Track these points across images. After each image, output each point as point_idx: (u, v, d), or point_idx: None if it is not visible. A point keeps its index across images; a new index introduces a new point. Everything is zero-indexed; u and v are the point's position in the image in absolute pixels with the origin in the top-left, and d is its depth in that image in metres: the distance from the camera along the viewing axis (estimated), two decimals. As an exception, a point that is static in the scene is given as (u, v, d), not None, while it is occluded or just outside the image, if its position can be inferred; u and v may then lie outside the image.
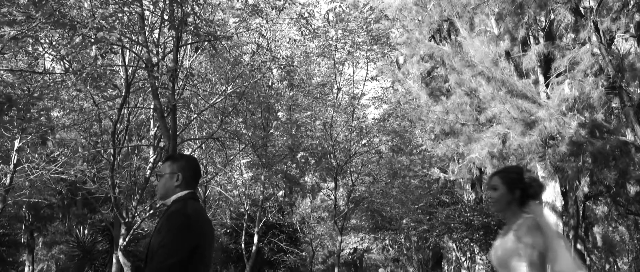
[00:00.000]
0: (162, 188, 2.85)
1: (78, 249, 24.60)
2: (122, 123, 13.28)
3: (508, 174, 2.98)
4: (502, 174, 2.98)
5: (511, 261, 2.76)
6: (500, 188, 2.92)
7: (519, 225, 2.77)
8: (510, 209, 2.90)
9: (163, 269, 2.48)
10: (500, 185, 2.93)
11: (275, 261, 25.53)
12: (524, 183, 2.90)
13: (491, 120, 13.82)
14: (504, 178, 2.95)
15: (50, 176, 14.80)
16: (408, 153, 21.46)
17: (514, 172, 2.97)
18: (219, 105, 15.20)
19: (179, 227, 2.60)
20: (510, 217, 2.90)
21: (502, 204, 2.93)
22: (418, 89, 19.77)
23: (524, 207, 2.89)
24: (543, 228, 2.76)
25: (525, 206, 2.89)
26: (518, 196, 2.89)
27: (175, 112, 10.67)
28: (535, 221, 2.78)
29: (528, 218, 2.79)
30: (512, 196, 2.90)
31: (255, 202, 21.04)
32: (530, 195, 2.89)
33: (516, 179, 2.91)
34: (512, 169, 3.04)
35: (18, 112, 10.55)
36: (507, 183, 2.92)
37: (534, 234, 2.71)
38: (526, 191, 2.89)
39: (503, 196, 2.91)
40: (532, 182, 2.90)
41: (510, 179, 2.93)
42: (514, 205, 2.90)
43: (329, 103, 19.57)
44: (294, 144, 18.92)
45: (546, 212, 16.07)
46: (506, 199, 2.91)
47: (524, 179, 2.91)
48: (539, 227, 2.74)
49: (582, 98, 11.79)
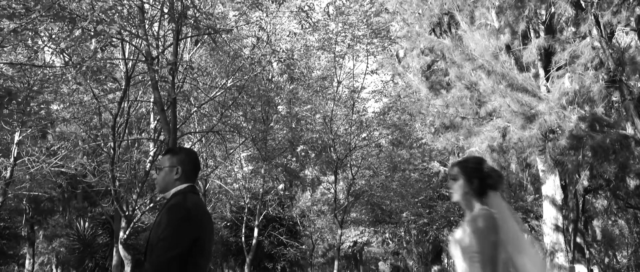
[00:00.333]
0: (161, 181, 2.85)
1: (78, 242, 24.65)
2: (122, 116, 13.28)
3: (467, 164, 2.97)
4: (462, 164, 2.98)
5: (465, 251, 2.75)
6: (459, 178, 2.91)
7: (475, 216, 2.76)
8: (468, 200, 2.89)
9: (163, 262, 2.49)
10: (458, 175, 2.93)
11: (275, 254, 25.58)
12: (482, 173, 2.88)
13: (491, 114, 13.81)
14: (462, 168, 2.94)
15: (51, 169, 14.82)
16: (408, 146, 21.47)
17: (473, 163, 2.96)
18: (219, 98, 15.19)
19: (179, 220, 2.60)
20: (468, 207, 2.89)
21: (460, 194, 2.92)
22: (418, 82, 19.73)
23: (482, 198, 2.88)
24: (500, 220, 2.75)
25: (483, 197, 2.88)
26: (476, 186, 2.87)
27: (175, 105, 10.66)
28: (491, 212, 2.77)
29: (484, 209, 2.78)
30: (470, 186, 2.88)
31: (255, 195, 21.06)
32: (488, 185, 2.88)
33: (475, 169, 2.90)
34: (472, 159, 3.03)
35: (18, 105, 10.55)
36: (466, 173, 2.91)
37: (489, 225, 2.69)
38: (484, 182, 2.87)
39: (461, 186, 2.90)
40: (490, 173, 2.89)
41: (468, 169, 2.92)
42: (471, 195, 2.89)
43: (329, 96, 19.56)
44: (294, 137, 18.93)
45: (547, 206, 16.08)
46: (464, 190, 2.90)
47: (483, 170, 2.89)
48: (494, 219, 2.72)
49: (583, 91, 11.77)
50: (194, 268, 2.62)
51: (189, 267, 2.58)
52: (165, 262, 2.49)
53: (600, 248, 42.74)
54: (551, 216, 15.88)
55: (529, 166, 19.72)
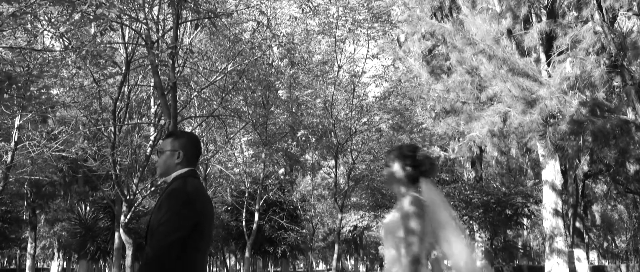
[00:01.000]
0: (162, 165, 2.86)
1: (80, 226, 24.76)
2: (123, 101, 13.28)
3: (401, 151, 2.99)
4: (396, 151, 3.00)
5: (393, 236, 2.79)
6: (392, 165, 2.95)
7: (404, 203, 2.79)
8: (400, 187, 2.93)
9: (163, 246, 2.50)
10: (392, 162, 2.96)
11: (276, 238, 25.71)
12: (415, 161, 2.91)
13: (492, 99, 13.80)
14: (396, 155, 2.96)
15: (51, 154, 14.83)
16: (408, 131, 21.46)
17: (407, 150, 2.98)
18: (219, 83, 15.16)
19: (180, 205, 2.61)
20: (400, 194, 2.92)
21: (393, 181, 2.95)
22: (419, 67, 19.71)
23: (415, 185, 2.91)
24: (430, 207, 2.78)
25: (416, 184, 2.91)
26: (409, 173, 2.91)
27: (176, 89, 10.64)
28: (421, 199, 2.80)
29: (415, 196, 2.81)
30: (403, 173, 2.92)
31: (255, 180, 21.11)
32: (421, 172, 2.91)
33: (408, 156, 2.93)
34: (406, 147, 3.04)
35: (18, 90, 10.53)
36: (399, 160, 2.94)
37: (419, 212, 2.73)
38: (417, 169, 2.90)
39: (394, 172, 2.93)
40: (424, 160, 2.91)
41: (402, 156, 2.94)
42: (404, 182, 2.92)
43: (329, 81, 19.52)
44: (295, 122, 18.92)
45: (546, 191, 16.11)
46: (397, 176, 2.93)
47: (416, 157, 2.92)
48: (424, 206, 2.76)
49: (584, 76, 11.75)
50: (194, 252, 2.63)
51: (189, 251, 2.59)
52: (165, 246, 2.50)
53: (599, 233, 42.96)
54: (551, 200, 15.92)
55: (529, 150, 19.76)
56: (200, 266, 2.71)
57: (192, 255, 2.63)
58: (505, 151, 21.58)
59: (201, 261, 2.72)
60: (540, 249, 42.84)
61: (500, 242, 19.64)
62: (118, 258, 17.60)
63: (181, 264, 2.56)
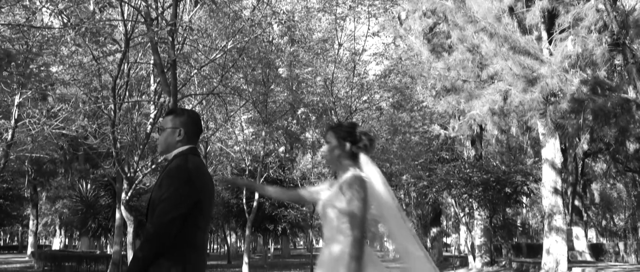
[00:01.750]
0: (163, 143, 2.86)
1: (81, 203, 24.90)
2: (122, 78, 13.25)
3: (340, 128, 3.01)
4: (335, 128, 3.02)
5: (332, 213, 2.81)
6: (332, 141, 2.96)
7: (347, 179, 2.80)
8: (340, 163, 2.94)
9: (163, 223, 2.52)
10: (332, 138, 2.97)
11: (276, 215, 25.83)
12: (354, 137, 2.93)
13: (493, 77, 13.75)
14: (335, 132, 2.98)
15: (52, 131, 14.84)
16: (409, 110, 21.44)
17: (346, 127, 3.01)
18: (219, 60, 15.10)
19: (180, 182, 2.62)
20: (340, 171, 2.94)
21: (332, 158, 2.97)
22: (420, 45, 19.60)
23: (354, 161, 2.93)
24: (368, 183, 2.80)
25: (355, 161, 2.93)
26: (348, 149, 2.92)
27: (175, 67, 10.61)
28: (362, 176, 2.81)
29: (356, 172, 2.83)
30: (342, 150, 2.93)
31: (256, 158, 21.15)
32: (360, 149, 2.93)
33: (347, 133, 2.94)
34: (345, 124, 3.08)
35: (17, 67, 10.50)
36: (338, 137, 2.95)
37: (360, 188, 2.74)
38: (356, 145, 2.92)
39: (333, 149, 2.94)
40: (362, 136, 2.93)
41: (341, 132, 2.96)
42: (343, 159, 2.94)
43: (329, 59, 19.44)
44: (295, 100, 18.88)
45: (546, 169, 16.15)
46: (336, 153, 2.94)
47: (355, 133, 2.94)
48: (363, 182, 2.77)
49: (585, 55, 11.69)
50: (194, 229, 2.65)
51: (188, 228, 2.61)
52: (166, 223, 2.52)
53: (597, 211, 43.18)
54: (550, 179, 15.96)
55: (530, 129, 19.77)
56: (200, 243, 2.73)
57: (193, 232, 2.64)
58: (505, 130, 21.62)
59: (201, 238, 2.74)
60: (539, 227, 43.09)
61: (500, 220, 19.74)
62: (119, 235, 17.71)
63: (181, 240, 2.58)
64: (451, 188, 19.43)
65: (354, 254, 2.65)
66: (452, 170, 19.23)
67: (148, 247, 2.54)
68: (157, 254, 2.53)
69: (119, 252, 17.69)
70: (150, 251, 2.53)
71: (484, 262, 20.85)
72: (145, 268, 2.54)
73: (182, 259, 2.59)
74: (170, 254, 2.56)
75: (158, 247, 2.53)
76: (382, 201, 2.88)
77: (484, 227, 20.59)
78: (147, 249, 2.54)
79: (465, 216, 22.49)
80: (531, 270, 17.37)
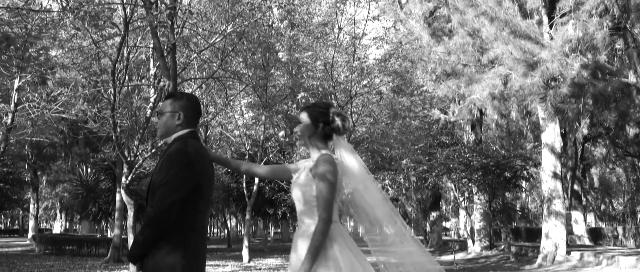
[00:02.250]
0: (163, 127, 2.86)
1: (82, 187, 24.94)
2: (122, 62, 13.20)
3: (314, 108, 2.99)
4: (309, 108, 3.00)
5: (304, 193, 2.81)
6: (305, 122, 2.95)
7: (319, 160, 2.80)
8: (313, 143, 2.93)
9: (164, 206, 2.53)
10: (305, 119, 2.96)
11: (276, 199, 25.92)
12: (327, 118, 2.92)
13: (493, 62, 13.71)
14: (309, 112, 2.96)
15: (51, 115, 14.84)
16: (409, 94, 21.41)
17: (319, 107, 2.98)
18: (218, 44, 15.05)
19: (180, 166, 2.63)
20: (313, 151, 2.93)
21: (305, 138, 2.96)
22: (420, 29, 19.50)
23: (327, 141, 2.92)
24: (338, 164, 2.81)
25: (329, 141, 2.93)
26: (321, 130, 2.92)
27: (175, 51, 10.58)
28: (332, 157, 2.81)
29: (327, 154, 2.82)
30: (315, 130, 2.92)
31: (256, 142, 21.16)
32: (333, 130, 2.92)
33: (320, 113, 2.92)
34: (319, 104, 3.04)
35: (16, 51, 10.46)
36: (312, 117, 2.93)
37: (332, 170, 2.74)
38: (329, 126, 2.91)
39: (306, 129, 2.93)
40: (335, 117, 2.92)
41: (314, 112, 2.94)
42: (316, 139, 2.93)
43: (329, 43, 19.38)
44: (295, 84, 18.85)
45: (546, 153, 16.16)
46: (309, 133, 2.93)
47: (329, 114, 2.92)
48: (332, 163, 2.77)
49: (586, 39, 11.65)
50: (193, 212, 2.67)
51: (188, 211, 2.63)
52: (166, 206, 2.54)
53: (597, 195, 43.32)
54: (550, 163, 15.99)
55: (530, 113, 19.75)
56: (200, 227, 2.75)
57: (193, 215, 2.66)
58: (505, 114, 21.58)
59: (201, 221, 2.75)
60: (538, 211, 43.24)
61: (499, 205, 19.81)
62: (120, 219, 17.80)
63: (181, 224, 2.59)
64: (451, 172, 19.48)
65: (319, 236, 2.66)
66: (452, 154, 19.26)
67: (149, 231, 2.56)
68: (157, 237, 2.55)
69: (120, 236, 17.79)
70: (151, 235, 2.55)
71: (483, 246, 20.96)
72: (146, 251, 2.56)
73: (183, 242, 2.61)
74: (171, 238, 2.58)
75: (158, 231, 2.55)
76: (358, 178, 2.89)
77: (483, 212, 20.67)
78: (147, 233, 2.56)
79: (465, 200, 22.56)
80: (530, 254, 17.46)
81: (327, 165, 2.76)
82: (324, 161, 2.78)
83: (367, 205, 2.91)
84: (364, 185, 2.93)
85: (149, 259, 2.57)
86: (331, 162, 2.77)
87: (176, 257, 2.58)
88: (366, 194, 2.93)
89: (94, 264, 16.66)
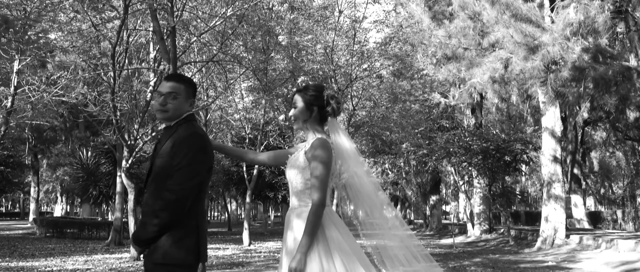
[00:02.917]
0: (176, 110, 2.84)
1: (82, 171, 25.00)
2: (121, 46, 13.17)
3: (307, 91, 2.99)
4: (302, 91, 2.99)
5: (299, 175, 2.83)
6: (299, 106, 2.95)
7: (314, 143, 2.81)
8: (308, 127, 2.94)
9: (186, 189, 2.55)
10: (299, 103, 2.96)
11: (276, 183, 26.01)
12: (321, 101, 2.92)
13: (494, 45, 13.66)
14: (302, 96, 2.96)
15: (51, 99, 14.81)
16: (409, 78, 21.38)
17: (313, 90, 2.98)
18: (218, 28, 14.99)
19: (197, 149, 2.66)
20: (308, 134, 2.94)
21: (299, 121, 2.96)
22: (420, 12, 19.39)
23: (321, 125, 2.93)
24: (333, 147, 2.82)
25: (323, 124, 2.93)
26: (315, 113, 2.92)
27: (175, 34, 10.55)
28: (327, 140, 2.82)
29: (321, 137, 2.83)
30: (310, 114, 2.92)
31: (256, 126, 21.17)
32: (328, 113, 2.93)
33: (314, 97, 2.93)
34: (313, 87, 3.03)
35: (15, 34, 10.42)
36: (306, 101, 2.94)
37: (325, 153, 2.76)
38: (323, 109, 2.92)
39: (300, 113, 2.94)
40: (329, 100, 2.91)
41: (308, 96, 2.94)
42: (311, 123, 2.94)
43: (330, 26, 19.31)
44: (295, 68, 18.82)
45: (546, 137, 16.17)
46: (303, 117, 2.94)
47: (322, 97, 2.93)
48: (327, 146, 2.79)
49: (587, 22, 11.59)
50: (202, 196, 2.71)
51: (200, 194, 2.67)
52: (188, 189, 2.56)
53: (596, 179, 43.41)
54: (550, 147, 16.01)
55: (530, 97, 19.71)
56: (204, 209, 2.80)
57: (201, 198, 2.70)
58: (505, 98, 21.53)
59: (204, 203, 2.81)
60: (537, 195, 43.39)
61: (499, 188, 19.86)
62: (120, 202, 17.87)
63: (193, 208, 2.62)
64: (451, 156, 19.51)
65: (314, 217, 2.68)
66: (452, 138, 19.27)
67: (166, 215, 2.56)
68: (174, 222, 2.56)
69: (120, 219, 17.88)
70: (169, 219, 2.56)
71: (483, 229, 21.06)
72: (160, 235, 2.57)
73: (196, 226, 2.64)
74: (184, 222, 2.60)
75: (177, 215, 2.57)
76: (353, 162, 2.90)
77: (483, 195, 20.74)
78: (165, 217, 2.56)
79: (465, 184, 22.62)
80: (529, 237, 17.55)
81: (322, 148, 2.78)
82: (319, 145, 2.79)
83: (363, 188, 2.92)
84: (362, 168, 2.95)
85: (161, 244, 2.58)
86: (326, 146, 2.79)
87: (192, 241, 2.61)
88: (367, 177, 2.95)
89: (95, 247, 16.76)
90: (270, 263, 12.27)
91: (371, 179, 2.98)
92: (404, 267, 2.84)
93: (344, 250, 2.68)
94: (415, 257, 2.88)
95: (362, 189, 2.91)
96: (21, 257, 13.10)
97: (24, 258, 12.74)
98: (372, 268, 2.73)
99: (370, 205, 2.94)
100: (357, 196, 2.93)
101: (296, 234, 2.77)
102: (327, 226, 2.73)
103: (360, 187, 2.91)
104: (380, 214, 2.96)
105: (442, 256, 13.88)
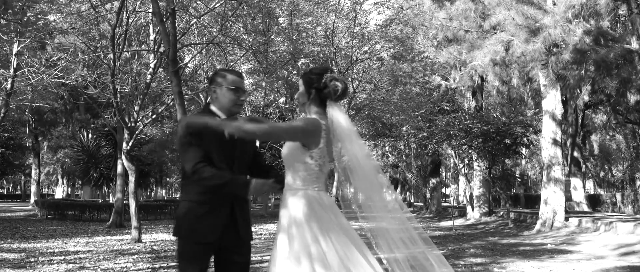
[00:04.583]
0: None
1: (83, 153, 25.05)
2: (121, 27, 13.11)
3: (309, 74, 3.03)
4: (304, 75, 3.04)
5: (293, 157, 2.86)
6: (300, 88, 2.98)
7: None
8: (308, 109, 2.96)
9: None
10: (300, 85, 2.99)
11: (277, 166, 26.03)
12: (320, 83, 2.93)
13: (495, 28, 13.60)
14: (304, 78, 3.01)
15: (51, 81, 14.79)
16: (410, 60, 21.32)
17: (314, 73, 3.00)
18: (218, 9, 14.93)
19: None
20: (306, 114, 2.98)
21: (301, 104, 3.00)
22: (422, -6, 19.32)
23: (322, 107, 2.94)
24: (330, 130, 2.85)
25: (323, 106, 2.94)
26: (314, 96, 2.94)
27: (175, 16, 10.50)
28: (315, 119, 2.84)
29: (313, 118, 2.85)
30: (309, 96, 2.95)
31: (256, 108, 21.17)
32: (326, 96, 2.94)
33: (314, 80, 2.95)
34: (315, 70, 3.05)
35: (14, 15, 10.37)
36: (305, 83, 2.97)
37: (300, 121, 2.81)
38: (322, 92, 2.93)
39: (300, 95, 2.97)
40: (327, 83, 2.92)
41: (309, 79, 2.98)
42: (310, 105, 2.97)
43: (330, 8, 19.23)
44: (295, 50, 18.77)
45: (546, 120, 16.17)
46: (302, 99, 2.98)
47: (322, 79, 2.94)
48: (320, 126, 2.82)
49: (589, 5, 11.53)
50: None
51: None
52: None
53: (596, 162, 43.49)
54: (550, 130, 16.01)
55: (531, 80, 19.68)
56: None
57: None
58: (506, 81, 21.51)
59: None
60: (537, 178, 43.48)
61: (499, 171, 19.89)
62: (121, 184, 17.91)
63: None
64: (451, 139, 19.50)
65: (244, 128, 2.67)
66: (453, 121, 19.25)
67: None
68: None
69: (121, 201, 17.93)
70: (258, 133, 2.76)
71: (482, 212, 21.13)
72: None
73: None
74: None
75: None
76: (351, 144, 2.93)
77: (483, 178, 20.78)
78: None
79: (465, 167, 22.66)
80: (529, 220, 17.62)
81: (303, 120, 2.86)
82: (302, 118, 2.85)
83: (363, 171, 2.94)
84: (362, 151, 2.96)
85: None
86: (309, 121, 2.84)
87: None
88: (367, 159, 2.97)
89: (96, 228, 16.84)
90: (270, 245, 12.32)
91: (371, 162, 3.00)
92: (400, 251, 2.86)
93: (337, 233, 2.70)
94: (414, 240, 2.89)
95: (362, 171, 2.92)
96: (23, 239, 13.17)
97: (25, 240, 12.81)
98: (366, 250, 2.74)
99: (370, 188, 2.95)
100: (357, 178, 2.94)
101: (291, 211, 2.82)
102: (321, 208, 2.75)
103: (360, 169, 2.92)
104: (380, 197, 2.97)
105: (442, 238, 13.95)
